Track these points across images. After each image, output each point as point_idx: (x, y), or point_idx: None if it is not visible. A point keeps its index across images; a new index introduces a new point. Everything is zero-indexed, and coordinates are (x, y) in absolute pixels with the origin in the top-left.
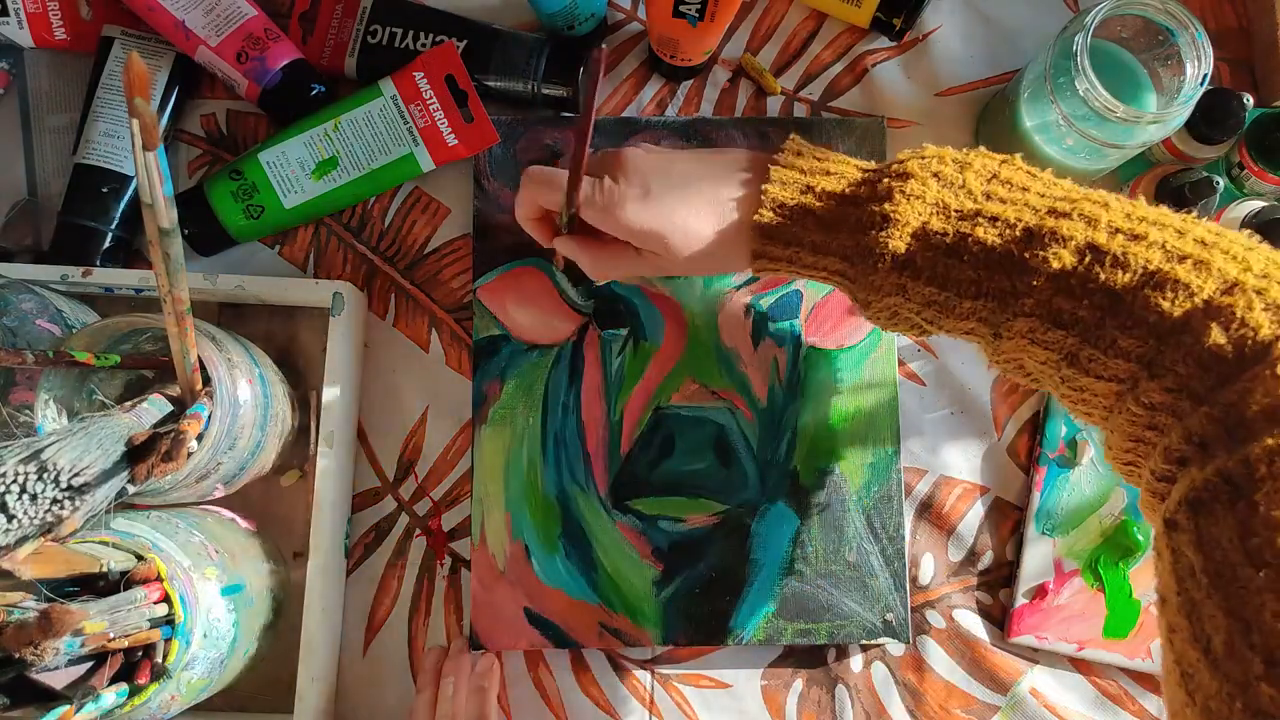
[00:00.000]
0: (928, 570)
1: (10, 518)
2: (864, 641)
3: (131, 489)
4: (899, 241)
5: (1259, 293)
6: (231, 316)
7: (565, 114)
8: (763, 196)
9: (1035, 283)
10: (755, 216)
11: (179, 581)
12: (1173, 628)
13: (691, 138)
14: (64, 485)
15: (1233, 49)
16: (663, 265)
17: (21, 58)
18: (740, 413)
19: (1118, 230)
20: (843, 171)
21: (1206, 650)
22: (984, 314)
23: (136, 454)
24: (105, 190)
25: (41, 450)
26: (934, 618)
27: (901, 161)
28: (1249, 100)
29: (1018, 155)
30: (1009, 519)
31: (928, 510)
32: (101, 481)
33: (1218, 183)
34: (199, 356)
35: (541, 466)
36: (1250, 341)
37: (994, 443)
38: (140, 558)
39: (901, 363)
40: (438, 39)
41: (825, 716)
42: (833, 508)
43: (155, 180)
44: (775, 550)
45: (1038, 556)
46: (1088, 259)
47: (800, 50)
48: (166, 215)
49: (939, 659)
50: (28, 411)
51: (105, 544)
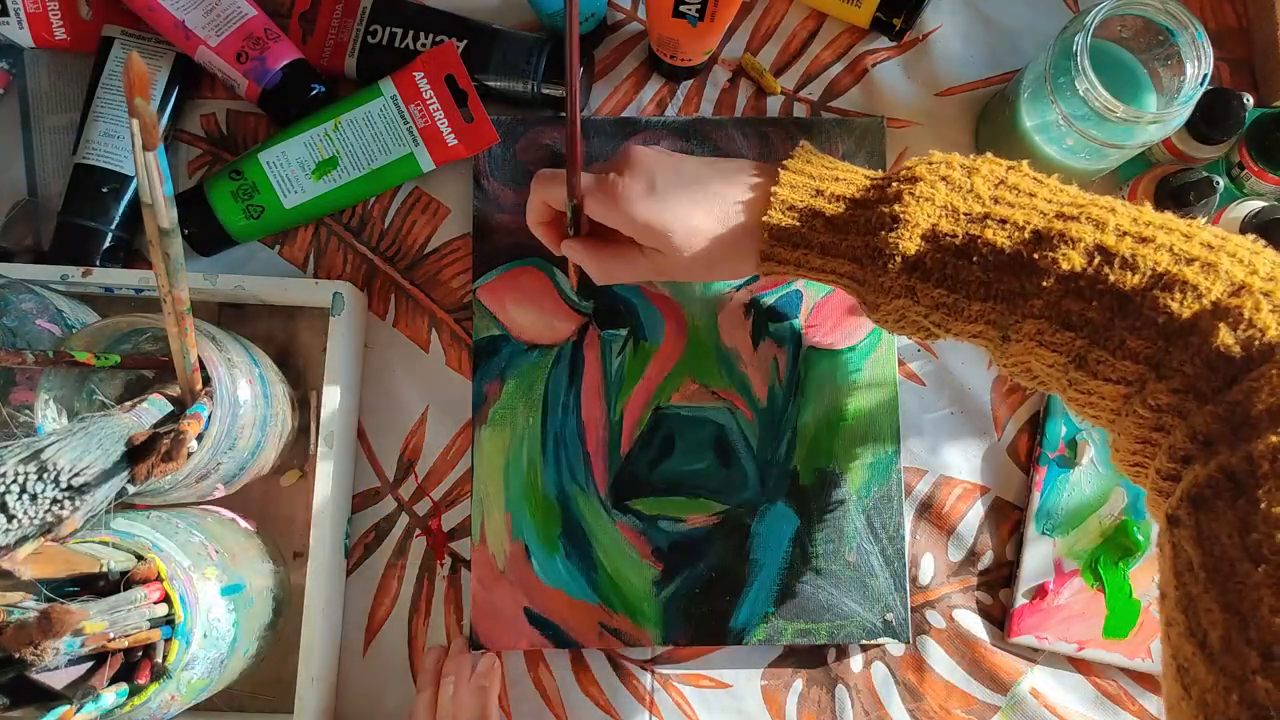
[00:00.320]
0: (928, 570)
1: (10, 518)
2: (864, 641)
3: (131, 489)
4: (909, 242)
5: (1266, 295)
6: (231, 316)
7: (565, 114)
8: (772, 198)
9: (1045, 284)
10: (765, 217)
11: (179, 581)
12: (1170, 622)
13: (691, 138)
14: (64, 485)
15: (1233, 49)
16: (666, 266)
17: (21, 58)
18: (740, 413)
19: (1125, 233)
20: (851, 178)
21: (1203, 644)
22: (992, 316)
23: (136, 454)
24: (105, 190)
25: (41, 450)
26: (934, 618)
27: (909, 167)
28: (1249, 100)
29: (1024, 161)
30: (1009, 519)
31: (928, 510)
32: (101, 481)
33: (1218, 183)
34: (199, 356)
35: (541, 466)
36: (1258, 342)
37: (994, 443)
38: (140, 558)
39: (901, 363)
40: (438, 39)
41: (825, 716)
42: (833, 508)
43: (155, 180)
44: (775, 550)
45: (1038, 556)
46: (1097, 260)
47: (800, 50)
48: (166, 215)
49: (939, 659)
50: (28, 411)
51: (105, 544)
